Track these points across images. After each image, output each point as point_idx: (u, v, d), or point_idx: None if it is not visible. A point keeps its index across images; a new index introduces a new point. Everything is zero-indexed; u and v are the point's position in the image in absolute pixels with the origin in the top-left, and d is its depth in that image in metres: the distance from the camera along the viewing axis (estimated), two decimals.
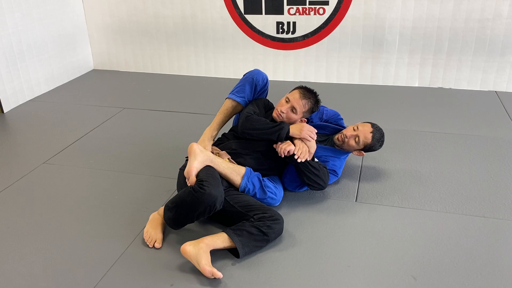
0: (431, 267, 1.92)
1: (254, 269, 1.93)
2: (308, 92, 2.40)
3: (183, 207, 2.01)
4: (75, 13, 4.54)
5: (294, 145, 2.27)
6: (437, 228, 2.17)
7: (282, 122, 2.33)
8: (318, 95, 2.44)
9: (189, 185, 2.05)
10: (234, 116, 2.61)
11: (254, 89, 2.50)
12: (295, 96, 2.37)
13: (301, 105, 2.35)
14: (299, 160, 2.25)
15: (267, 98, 2.60)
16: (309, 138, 2.28)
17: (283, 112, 2.35)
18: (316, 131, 2.34)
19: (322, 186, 2.35)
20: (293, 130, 2.30)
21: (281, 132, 2.28)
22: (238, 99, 2.49)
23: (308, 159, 2.27)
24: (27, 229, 2.25)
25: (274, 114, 2.40)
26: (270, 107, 2.53)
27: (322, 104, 2.70)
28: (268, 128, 2.31)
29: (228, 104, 2.52)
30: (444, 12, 3.81)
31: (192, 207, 1.98)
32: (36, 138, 3.29)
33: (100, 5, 4.58)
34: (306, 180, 2.33)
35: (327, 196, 2.45)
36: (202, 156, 2.15)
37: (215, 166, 2.17)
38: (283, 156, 2.28)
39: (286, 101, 2.37)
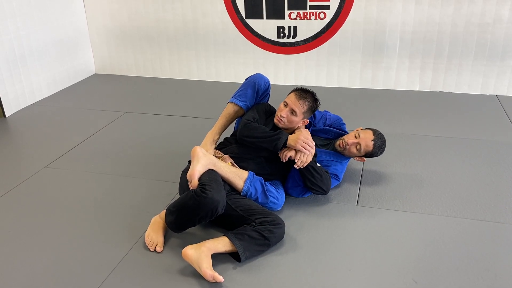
0: (432, 271, 1.92)
1: (255, 273, 1.93)
2: (304, 92, 2.40)
3: (185, 211, 2.02)
4: (76, 17, 4.56)
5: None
6: (438, 232, 2.17)
7: (280, 132, 2.33)
8: (315, 93, 2.44)
9: (191, 188, 2.05)
10: (236, 120, 2.61)
11: (256, 93, 2.51)
12: (292, 98, 2.37)
13: (299, 106, 2.35)
14: (296, 167, 2.27)
15: (268, 102, 2.61)
16: (304, 150, 2.26)
17: (283, 117, 2.35)
18: (313, 141, 2.32)
19: (324, 191, 2.36)
20: (289, 141, 2.29)
21: (278, 142, 2.28)
22: (240, 104, 2.49)
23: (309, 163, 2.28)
24: (28, 233, 2.25)
25: (275, 120, 2.40)
26: (271, 112, 2.53)
27: (324, 108, 2.71)
28: (266, 137, 2.31)
29: (230, 109, 2.53)
30: (444, 17, 3.83)
31: (194, 211, 1.98)
32: (38, 142, 3.30)
33: (101, 9, 4.60)
34: (309, 184, 2.34)
35: (328, 200, 2.45)
36: (205, 159, 2.15)
37: (217, 170, 2.18)
38: (285, 161, 2.30)
39: (285, 105, 2.38)
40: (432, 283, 1.85)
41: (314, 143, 2.31)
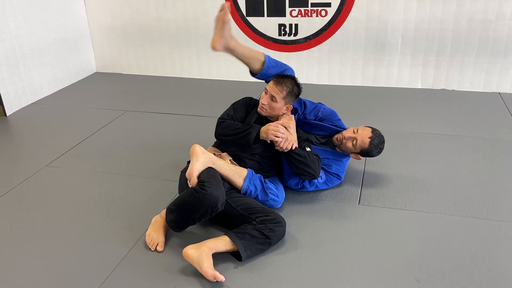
0: (435, 270, 1.91)
1: (256, 272, 1.92)
2: (281, 77, 2.38)
3: (184, 209, 2.01)
4: (77, 16, 4.55)
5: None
6: (440, 231, 2.15)
7: (251, 127, 2.33)
8: (296, 78, 2.42)
9: (190, 186, 2.04)
10: None
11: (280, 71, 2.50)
12: (270, 84, 2.37)
13: (278, 91, 2.33)
14: (277, 148, 2.27)
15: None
16: (277, 139, 2.26)
17: (265, 104, 2.35)
18: (291, 126, 2.31)
19: (311, 174, 2.32)
20: (261, 133, 2.30)
21: (249, 137, 2.29)
22: (266, 62, 2.48)
23: (292, 148, 2.27)
24: (29, 232, 2.24)
25: (259, 109, 2.41)
26: (255, 105, 2.52)
27: (323, 104, 2.68)
28: (238, 133, 2.33)
29: (255, 53, 2.53)
30: (446, 14, 3.80)
31: (194, 208, 1.97)
32: (39, 141, 3.29)
33: (102, 8, 4.59)
34: (294, 169, 2.32)
35: (330, 199, 2.44)
36: (204, 157, 2.15)
37: (217, 168, 2.17)
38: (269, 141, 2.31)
39: (265, 93, 2.38)
40: (435, 282, 1.84)
41: (284, 130, 2.28)
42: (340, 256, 2.01)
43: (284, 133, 2.27)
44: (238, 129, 2.34)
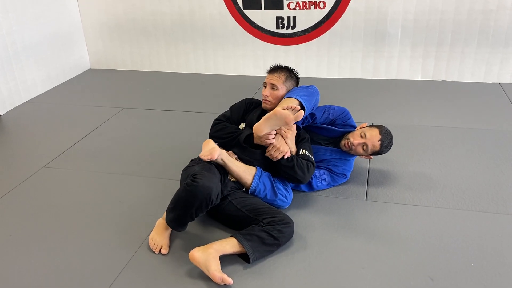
0: (448, 267, 1.87)
1: (265, 274, 1.88)
2: (274, 67, 2.41)
3: (180, 205, 1.98)
4: (70, 11, 4.45)
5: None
6: (451, 226, 2.12)
7: (241, 132, 2.29)
8: (288, 66, 2.43)
9: (207, 158, 2.07)
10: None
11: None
12: (267, 76, 2.39)
13: (276, 78, 2.34)
14: (267, 155, 2.23)
15: None
16: (267, 143, 2.21)
17: (267, 96, 2.34)
18: (272, 134, 2.22)
19: (298, 180, 2.23)
20: (255, 139, 2.26)
21: (240, 137, 2.28)
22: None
23: (284, 157, 2.20)
24: (29, 237, 2.18)
25: (263, 104, 2.39)
26: (256, 104, 2.49)
27: (326, 100, 2.62)
28: (230, 136, 2.32)
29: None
30: (447, 4, 3.75)
31: (188, 202, 1.94)
32: (35, 141, 3.22)
33: (95, 2, 4.50)
34: (282, 173, 2.26)
35: (337, 196, 2.40)
36: (219, 150, 2.14)
37: (229, 162, 2.15)
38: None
39: (264, 86, 2.38)
40: (449, 280, 1.81)
41: (273, 135, 2.22)
42: (351, 255, 1.97)
43: (273, 138, 2.21)
44: (230, 132, 2.33)
